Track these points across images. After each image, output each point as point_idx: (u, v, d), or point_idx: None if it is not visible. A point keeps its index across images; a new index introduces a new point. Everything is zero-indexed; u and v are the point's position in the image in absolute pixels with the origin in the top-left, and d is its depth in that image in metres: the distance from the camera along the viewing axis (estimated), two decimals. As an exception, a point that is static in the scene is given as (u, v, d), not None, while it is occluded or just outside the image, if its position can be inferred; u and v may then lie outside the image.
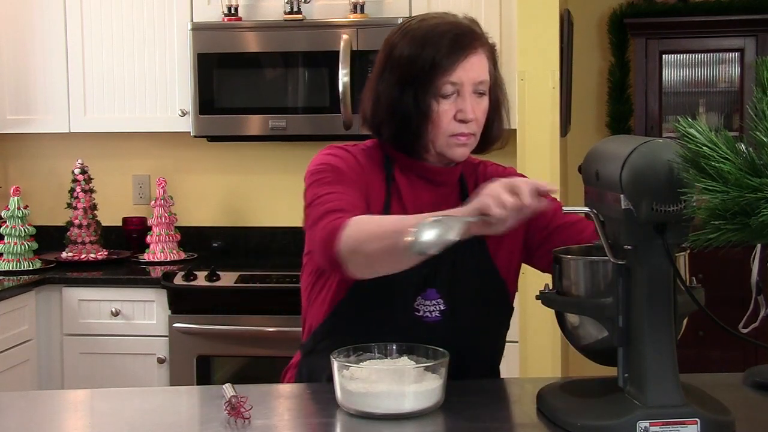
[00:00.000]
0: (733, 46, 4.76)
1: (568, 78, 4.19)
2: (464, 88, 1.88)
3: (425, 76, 1.87)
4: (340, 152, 1.95)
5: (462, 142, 1.91)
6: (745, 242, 1.34)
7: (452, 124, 1.89)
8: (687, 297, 1.66)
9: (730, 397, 1.71)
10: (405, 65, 1.89)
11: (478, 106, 1.90)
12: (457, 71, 1.87)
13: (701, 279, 1.76)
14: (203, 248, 4.21)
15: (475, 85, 1.89)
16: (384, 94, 1.92)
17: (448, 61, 1.87)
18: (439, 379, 1.73)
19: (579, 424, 1.60)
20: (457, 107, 1.89)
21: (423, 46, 1.88)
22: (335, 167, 1.90)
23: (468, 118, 1.89)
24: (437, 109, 1.88)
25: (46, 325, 3.77)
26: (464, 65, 1.88)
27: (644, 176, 1.53)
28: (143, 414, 1.83)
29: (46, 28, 4.03)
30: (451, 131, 1.90)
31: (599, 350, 1.69)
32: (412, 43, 1.90)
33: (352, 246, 1.70)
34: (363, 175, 1.92)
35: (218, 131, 3.94)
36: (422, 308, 1.92)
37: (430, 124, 1.89)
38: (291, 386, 1.98)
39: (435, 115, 1.88)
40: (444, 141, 1.91)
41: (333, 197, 1.83)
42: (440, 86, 1.87)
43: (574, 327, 1.72)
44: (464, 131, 1.90)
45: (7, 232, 3.86)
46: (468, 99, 1.89)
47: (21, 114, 4.08)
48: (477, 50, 1.90)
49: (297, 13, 3.83)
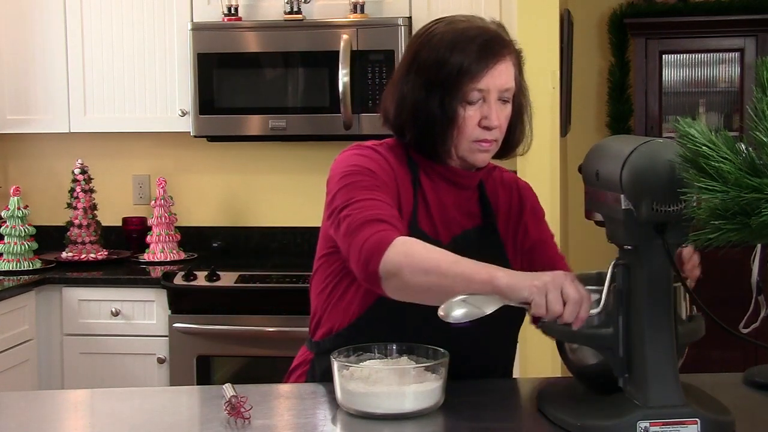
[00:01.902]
0: (733, 46, 4.76)
1: (568, 78, 4.19)
2: (490, 95, 1.88)
3: (453, 81, 1.86)
4: (371, 153, 1.93)
5: (484, 149, 1.91)
6: (745, 242, 1.34)
7: (476, 131, 1.89)
8: (688, 327, 1.67)
9: (730, 397, 1.71)
10: (432, 68, 1.88)
11: (501, 113, 1.90)
12: (485, 78, 1.87)
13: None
14: (203, 248, 4.21)
15: (501, 92, 1.89)
16: (409, 95, 1.91)
17: (477, 68, 1.86)
18: (439, 379, 1.73)
19: (579, 424, 1.60)
20: (482, 114, 1.88)
21: (452, 50, 1.87)
22: (370, 170, 1.87)
23: (493, 125, 1.88)
24: (463, 114, 1.87)
25: (46, 325, 3.77)
26: (492, 72, 1.87)
27: (644, 176, 1.53)
28: (143, 414, 1.83)
29: (46, 28, 4.03)
30: (475, 137, 1.89)
31: (596, 375, 1.69)
32: (440, 46, 1.88)
33: (395, 270, 1.70)
34: (394, 177, 1.90)
35: (218, 131, 3.94)
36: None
37: (455, 129, 1.88)
38: (291, 386, 1.98)
39: (460, 121, 1.88)
40: (467, 146, 1.90)
41: (372, 204, 1.80)
42: (467, 92, 1.86)
43: (572, 352, 1.72)
44: (488, 138, 1.90)
45: (7, 232, 3.86)
46: (493, 106, 1.88)
47: (21, 114, 4.08)
48: (505, 57, 1.90)
49: (297, 13, 3.83)
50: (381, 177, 1.87)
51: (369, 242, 1.73)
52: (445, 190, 1.96)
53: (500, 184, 2.04)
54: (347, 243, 1.79)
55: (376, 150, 1.94)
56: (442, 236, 1.93)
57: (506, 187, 2.05)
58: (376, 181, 1.86)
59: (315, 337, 2.00)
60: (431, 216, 1.93)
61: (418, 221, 1.91)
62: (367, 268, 1.73)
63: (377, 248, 1.72)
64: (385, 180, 1.87)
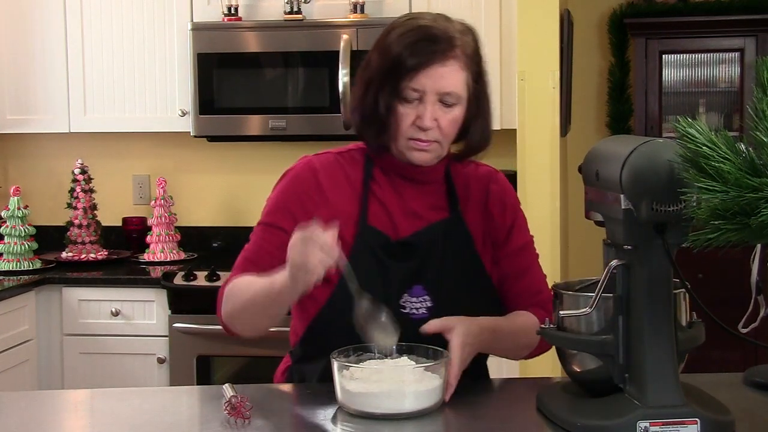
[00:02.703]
0: (733, 46, 4.76)
1: (568, 78, 4.19)
2: (427, 96, 1.87)
3: (389, 76, 1.87)
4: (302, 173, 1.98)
5: (420, 147, 1.91)
6: (745, 242, 1.34)
7: (411, 129, 1.89)
8: (688, 333, 1.67)
9: (730, 397, 1.71)
10: (376, 63, 1.91)
11: (443, 116, 1.89)
12: (420, 78, 1.86)
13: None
14: (203, 248, 4.21)
15: (440, 95, 1.88)
16: (356, 91, 1.95)
17: (412, 65, 1.86)
18: (439, 378, 1.73)
19: (579, 424, 1.60)
20: (417, 113, 1.88)
21: (393, 46, 1.88)
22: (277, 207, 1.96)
23: (425, 125, 1.88)
24: (399, 111, 1.88)
25: (46, 325, 3.77)
26: (428, 73, 1.86)
27: (644, 176, 1.53)
28: (143, 414, 1.83)
29: (46, 28, 4.03)
30: (409, 135, 1.90)
31: (596, 382, 1.69)
32: (386, 41, 1.90)
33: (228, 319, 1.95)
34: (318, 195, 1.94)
35: (218, 131, 3.94)
36: (409, 305, 1.92)
37: (391, 125, 1.90)
38: (291, 386, 1.98)
39: (395, 117, 1.89)
40: (403, 143, 1.91)
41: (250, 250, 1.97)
42: (402, 89, 1.87)
43: (572, 358, 1.72)
44: (422, 137, 1.89)
45: (7, 232, 3.86)
46: (429, 107, 1.87)
47: (21, 114, 4.08)
48: (448, 60, 1.87)
49: (297, 13, 3.83)
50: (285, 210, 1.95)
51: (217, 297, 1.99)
52: (403, 185, 1.97)
53: (473, 178, 2.04)
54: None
55: (322, 161, 1.99)
56: (402, 231, 1.95)
57: (480, 180, 2.04)
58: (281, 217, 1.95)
59: (291, 344, 2.06)
60: (388, 212, 1.95)
61: (368, 220, 1.93)
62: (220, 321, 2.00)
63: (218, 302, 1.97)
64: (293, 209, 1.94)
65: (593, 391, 1.68)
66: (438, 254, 1.93)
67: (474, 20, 3.75)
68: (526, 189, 3.46)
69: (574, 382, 1.75)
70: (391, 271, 1.90)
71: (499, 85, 3.71)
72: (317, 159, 2.00)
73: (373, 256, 1.91)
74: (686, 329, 1.68)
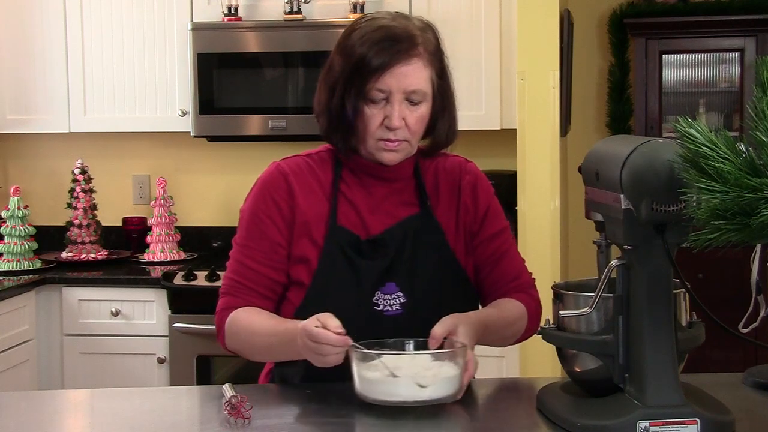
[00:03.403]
0: (733, 46, 4.76)
1: (568, 78, 4.19)
2: (393, 96, 1.88)
3: (354, 79, 1.88)
4: (277, 178, 1.99)
5: (390, 148, 1.91)
6: (745, 242, 1.34)
7: (380, 130, 1.90)
8: (688, 334, 1.67)
9: (730, 397, 1.71)
10: (339, 66, 1.91)
11: (410, 114, 1.89)
12: (386, 78, 1.86)
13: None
14: (203, 248, 4.21)
15: (406, 93, 1.88)
16: (321, 93, 1.96)
17: (377, 66, 1.86)
18: (457, 368, 1.74)
19: (579, 424, 1.60)
20: (385, 113, 1.89)
21: (356, 48, 1.88)
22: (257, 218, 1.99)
23: (393, 125, 1.88)
24: (366, 113, 1.89)
25: (46, 325, 3.77)
26: (393, 72, 1.86)
27: (644, 176, 1.53)
28: (143, 414, 1.83)
29: (46, 28, 4.03)
30: (378, 136, 1.90)
31: (596, 382, 1.69)
32: (348, 43, 1.90)
33: (235, 351, 1.98)
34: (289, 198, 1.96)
35: (218, 131, 3.94)
36: (382, 302, 1.93)
37: (359, 126, 1.90)
38: (291, 386, 1.98)
39: (362, 119, 1.89)
40: (373, 144, 1.92)
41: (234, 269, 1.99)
42: (369, 91, 1.87)
43: (572, 358, 1.72)
44: (391, 137, 1.90)
45: (7, 232, 3.86)
46: (396, 106, 1.88)
47: (21, 114, 4.09)
48: (412, 58, 1.88)
49: (297, 13, 3.83)
50: (264, 221, 1.97)
51: (216, 319, 1.99)
52: (373, 184, 1.98)
53: (442, 171, 2.04)
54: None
55: (290, 165, 2.01)
56: (373, 229, 1.96)
57: (449, 172, 2.04)
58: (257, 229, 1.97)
59: None
60: (358, 212, 1.96)
61: (337, 219, 1.95)
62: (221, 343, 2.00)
63: (219, 330, 1.98)
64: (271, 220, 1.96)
65: (593, 391, 1.68)
66: (409, 250, 1.94)
67: (474, 20, 3.80)
68: (526, 189, 3.46)
69: (574, 382, 1.75)
70: (362, 269, 1.92)
71: (499, 85, 3.71)
72: (286, 163, 2.02)
73: (344, 256, 1.93)
74: (686, 329, 1.69)
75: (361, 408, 1.74)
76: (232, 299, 1.97)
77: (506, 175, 3.60)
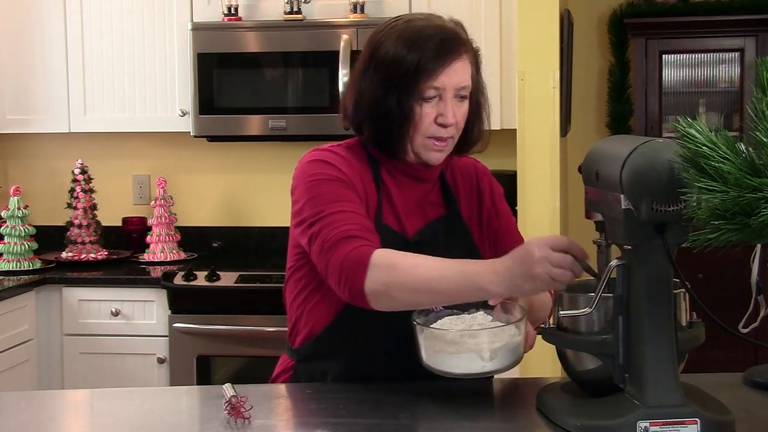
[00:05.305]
0: (733, 46, 4.76)
1: (568, 78, 4.19)
2: (446, 93, 1.89)
3: (409, 79, 1.88)
4: (331, 156, 1.94)
5: (438, 148, 1.93)
6: (745, 242, 1.34)
7: (432, 127, 1.91)
8: (688, 334, 1.67)
9: (730, 397, 1.71)
10: (390, 66, 1.90)
11: (458, 110, 1.92)
12: (441, 76, 1.88)
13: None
14: (203, 248, 4.22)
15: (457, 90, 1.91)
16: (367, 93, 1.93)
17: (433, 66, 1.87)
18: (520, 336, 1.77)
19: (579, 424, 1.60)
20: (438, 111, 1.90)
21: (409, 48, 1.88)
22: (335, 177, 1.89)
23: (448, 122, 1.90)
24: (419, 111, 1.89)
25: (46, 325, 3.77)
26: (448, 71, 1.89)
27: (644, 176, 1.53)
28: (143, 414, 1.83)
29: (46, 28, 4.03)
30: (430, 133, 1.91)
31: (596, 382, 1.69)
32: (398, 43, 1.90)
33: (382, 289, 1.73)
34: (358, 179, 1.92)
35: (218, 131, 3.94)
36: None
37: (411, 126, 1.90)
38: (291, 386, 1.98)
39: (416, 118, 1.90)
40: (422, 143, 1.92)
41: (342, 218, 1.81)
42: (424, 90, 1.88)
43: (573, 358, 1.72)
44: (443, 135, 1.91)
45: (7, 232, 3.86)
46: (449, 103, 1.90)
47: (21, 114, 4.08)
48: (461, 55, 1.91)
49: (297, 13, 3.83)
50: (347, 183, 1.88)
51: (347, 261, 1.75)
52: (407, 184, 1.98)
53: (458, 171, 2.06)
54: (324, 262, 1.81)
55: (335, 152, 1.96)
56: (408, 229, 1.96)
57: (465, 173, 2.07)
58: (342, 188, 1.87)
59: (295, 344, 2.01)
60: (396, 211, 1.96)
61: (382, 217, 1.94)
62: (351, 288, 1.75)
63: (358, 267, 1.74)
64: (351, 185, 1.89)
65: (593, 391, 1.68)
66: (441, 251, 1.93)
67: (474, 20, 3.80)
68: (526, 189, 3.46)
69: (574, 382, 1.75)
70: None
71: (499, 85, 3.71)
72: (329, 151, 1.96)
73: None
74: (686, 329, 1.69)
75: (362, 408, 1.75)
76: (364, 241, 1.78)
77: (506, 175, 3.60)
